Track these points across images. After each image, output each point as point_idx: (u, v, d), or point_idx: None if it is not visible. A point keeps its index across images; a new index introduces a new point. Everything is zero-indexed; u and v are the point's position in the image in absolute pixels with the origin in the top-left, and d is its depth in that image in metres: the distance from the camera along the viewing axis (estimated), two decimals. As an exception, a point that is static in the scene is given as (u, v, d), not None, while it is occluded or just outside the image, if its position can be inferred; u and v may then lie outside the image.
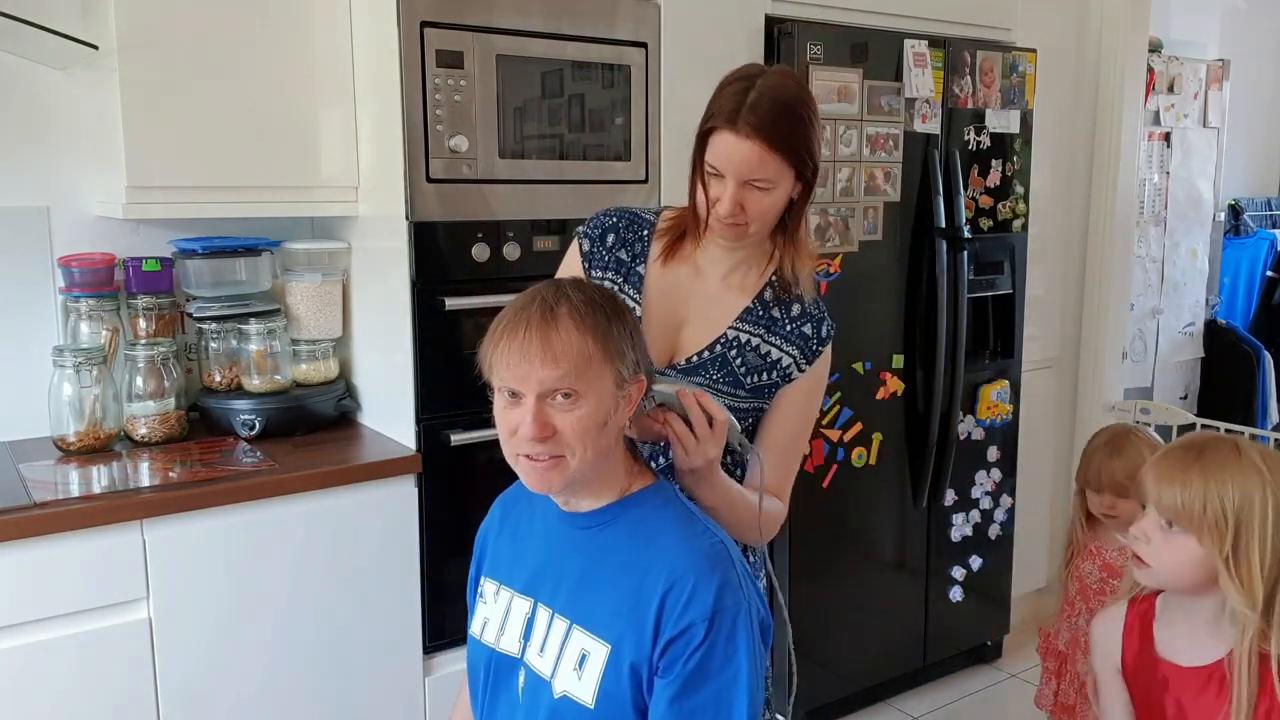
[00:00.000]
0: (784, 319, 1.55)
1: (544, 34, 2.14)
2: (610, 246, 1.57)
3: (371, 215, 2.23)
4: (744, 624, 1.20)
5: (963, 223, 2.86)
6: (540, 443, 1.21)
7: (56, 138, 2.19)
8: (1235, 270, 4.62)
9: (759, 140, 1.41)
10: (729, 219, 1.45)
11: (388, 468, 2.07)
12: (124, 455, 2.08)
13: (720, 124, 1.42)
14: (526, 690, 1.30)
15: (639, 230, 1.58)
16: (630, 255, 1.57)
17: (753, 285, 1.56)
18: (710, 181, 1.46)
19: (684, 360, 1.54)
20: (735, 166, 1.42)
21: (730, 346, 1.54)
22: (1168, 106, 3.99)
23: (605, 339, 1.21)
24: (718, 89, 1.46)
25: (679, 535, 1.26)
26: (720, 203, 1.45)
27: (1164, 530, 1.40)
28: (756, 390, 1.53)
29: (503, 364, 1.20)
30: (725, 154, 1.43)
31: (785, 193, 1.47)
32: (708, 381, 1.52)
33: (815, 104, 1.48)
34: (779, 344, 1.54)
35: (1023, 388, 3.18)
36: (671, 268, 1.56)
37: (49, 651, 1.75)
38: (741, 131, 1.41)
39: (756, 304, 1.55)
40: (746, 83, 1.43)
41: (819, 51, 2.54)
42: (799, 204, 1.51)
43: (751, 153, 1.41)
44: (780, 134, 1.41)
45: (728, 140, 1.42)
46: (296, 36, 2.15)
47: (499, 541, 1.42)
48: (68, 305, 2.17)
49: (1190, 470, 1.37)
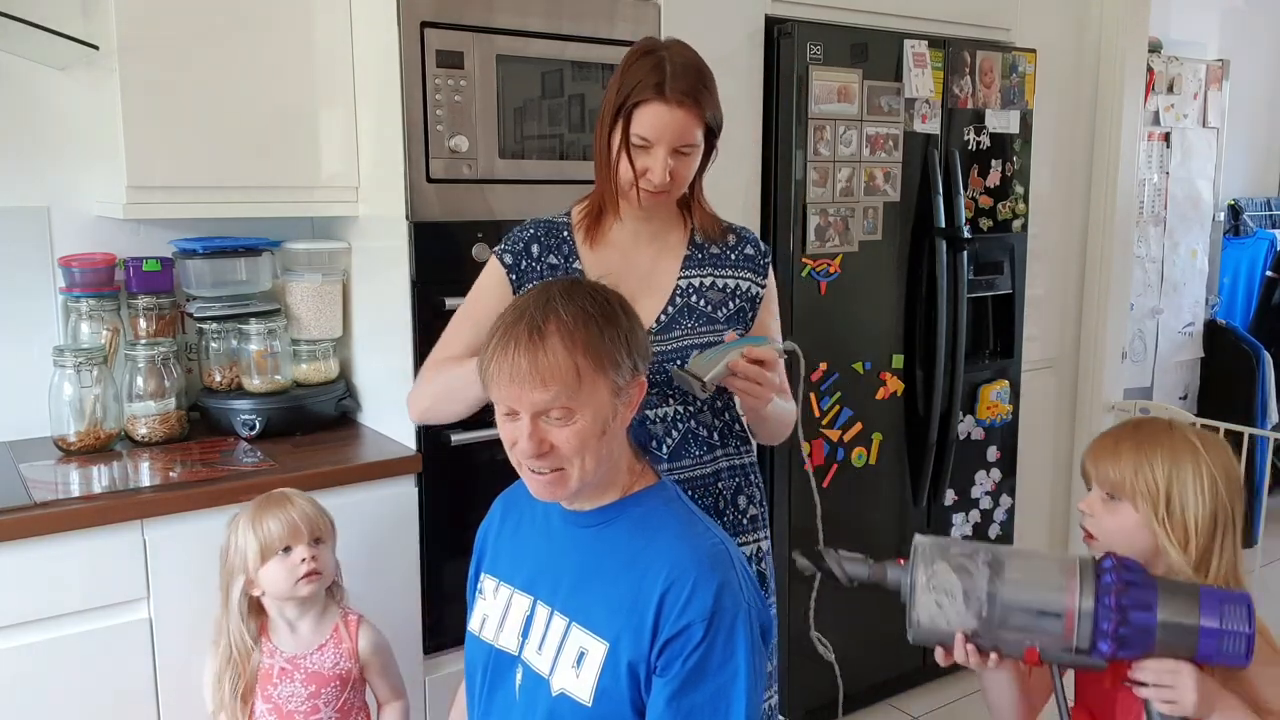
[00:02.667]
0: (725, 251, 1.67)
1: (544, 34, 2.14)
2: (538, 257, 1.64)
3: (371, 215, 2.23)
4: (743, 624, 1.20)
5: (963, 223, 2.86)
6: (539, 459, 1.21)
7: (56, 138, 2.19)
8: (1235, 270, 4.62)
9: (688, 107, 1.50)
10: (661, 186, 1.53)
11: (388, 468, 2.07)
12: (124, 455, 2.08)
13: (648, 96, 1.50)
14: (524, 688, 1.30)
15: (558, 233, 1.66)
16: (561, 258, 1.64)
17: (677, 243, 1.66)
18: (637, 154, 1.53)
19: (654, 323, 1.61)
20: (669, 134, 1.51)
21: (688, 294, 1.63)
22: (1167, 106, 3.99)
23: (596, 352, 1.20)
24: (626, 65, 1.54)
25: (679, 535, 1.26)
26: (653, 171, 1.53)
27: (1105, 502, 1.45)
28: (732, 318, 1.64)
29: (495, 384, 1.22)
30: (658, 123, 1.50)
31: (699, 155, 1.57)
32: (684, 330, 1.61)
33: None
34: (730, 273, 1.66)
35: (1022, 388, 3.18)
36: (600, 252, 1.64)
37: (49, 651, 1.75)
38: (672, 100, 1.49)
39: (693, 249, 1.66)
40: (657, 56, 1.52)
41: (819, 52, 2.55)
42: (703, 165, 1.61)
43: (683, 119, 1.51)
44: (703, 99, 1.52)
45: (658, 110, 1.50)
46: (297, 37, 2.15)
47: (500, 538, 1.42)
48: (68, 305, 2.17)
49: (1123, 444, 1.43)
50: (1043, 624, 1.24)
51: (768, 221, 2.63)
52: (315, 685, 1.72)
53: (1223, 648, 1.21)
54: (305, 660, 1.73)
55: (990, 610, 1.25)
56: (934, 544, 1.29)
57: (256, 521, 1.69)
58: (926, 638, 1.28)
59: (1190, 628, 1.22)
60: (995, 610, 1.25)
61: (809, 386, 2.64)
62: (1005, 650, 1.27)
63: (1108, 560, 1.27)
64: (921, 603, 1.26)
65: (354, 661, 1.76)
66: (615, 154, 1.54)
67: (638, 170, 1.53)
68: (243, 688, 1.71)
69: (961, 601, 1.25)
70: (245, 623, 1.71)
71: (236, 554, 1.70)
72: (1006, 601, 1.25)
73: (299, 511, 1.71)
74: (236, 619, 1.70)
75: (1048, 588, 1.25)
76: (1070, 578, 1.25)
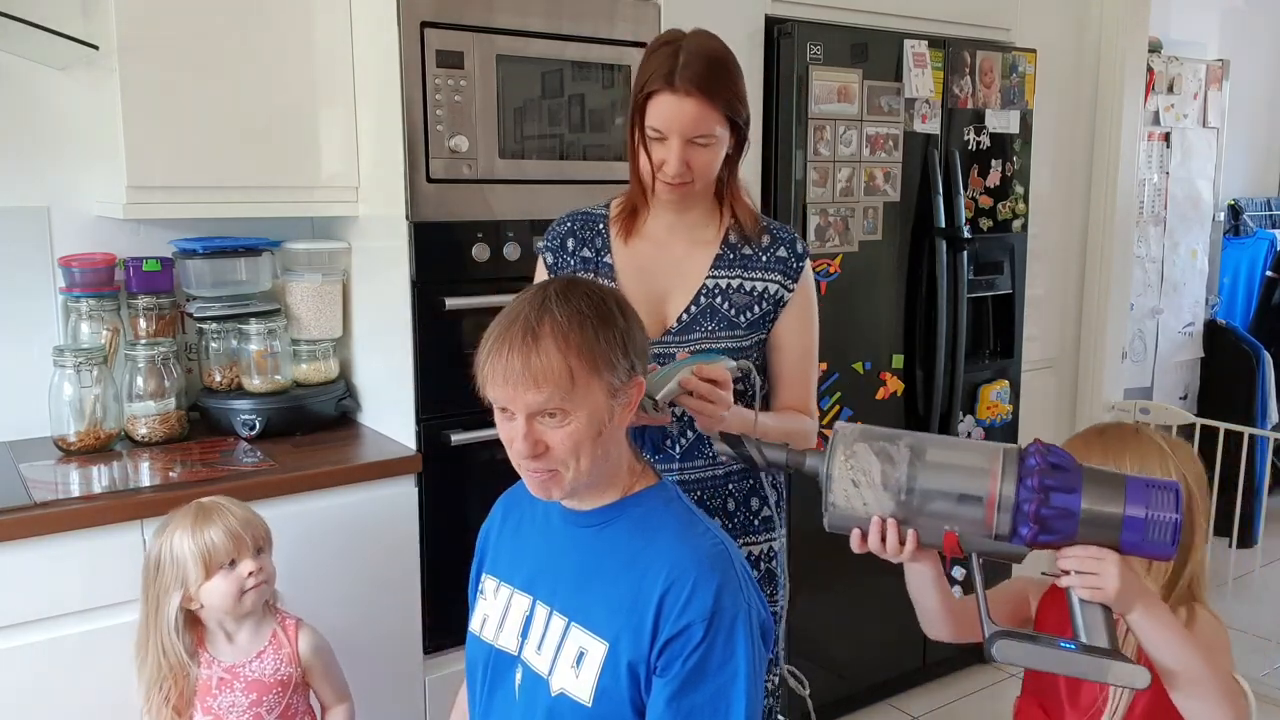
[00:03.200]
0: (757, 252, 1.63)
1: (544, 34, 2.14)
2: (573, 251, 1.64)
3: (371, 215, 2.23)
4: (743, 625, 1.20)
5: (962, 223, 2.86)
6: (534, 459, 1.21)
7: (56, 138, 2.19)
8: (1235, 270, 4.62)
9: (697, 96, 1.48)
10: (677, 178, 1.52)
11: (388, 468, 2.07)
12: (124, 455, 2.08)
13: (658, 86, 1.49)
14: (523, 688, 1.30)
15: (594, 225, 1.65)
16: (594, 251, 1.63)
17: (713, 238, 1.63)
18: (653, 146, 1.52)
19: (675, 323, 1.60)
20: (679, 124, 1.49)
21: (714, 295, 1.61)
22: (1167, 106, 3.99)
23: (591, 354, 1.20)
24: (645, 58, 1.53)
25: (679, 535, 1.26)
26: (667, 163, 1.51)
27: None
28: (754, 324, 1.61)
29: (490, 384, 1.22)
30: (667, 114, 1.49)
31: (724, 147, 1.55)
32: (704, 333, 1.59)
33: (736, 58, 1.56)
34: (759, 275, 1.62)
35: (1022, 388, 3.18)
36: (634, 245, 1.63)
37: (49, 651, 1.75)
38: (680, 90, 1.48)
39: (725, 249, 1.63)
40: (673, 46, 1.50)
41: (819, 52, 2.55)
42: (734, 157, 1.59)
43: (693, 109, 1.48)
44: (715, 88, 1.49)
45: (668, 101, 1.49)
46: (297, 37, 2.15)
47: (500, 538, 1.42)
48: (68, 305, 2.17)
49: (1092, 446, 1.43)
50: (964, 509, 1.18)
51: (768, 221, 2.63)
52: (256, 693, 1.65)
53: (1148, 536, 1.15)
54: (244, 669, 1.66)
55: (910, 495, 1.20)
56: (856, 429, 1.24)
57: (196, 533, 1.59)
58: (842, 522, 1.23)
59: (1114, 515, 1.16)
60: (915, 495, 1.20)
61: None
62: (924, 537, 1.21)
63: (1033, 445, 1.21)
64: (839, 484, 1.21)
65: (295, 666, 1.69)
66: (634, 146, 1.54)
67: (654, 162, 1.52)
68: (178, 701, 1.63)
69: (880, 484, 1.20)
70: (180, 638, 1.62)
71: (173, 567, 1.59)
72: (926, 486, 1.19)
73: (240, 520, 1.63)
74: (171, 635, 1.61)
75: (970, 473, 1.19)
76: (994, 462, 1.18)
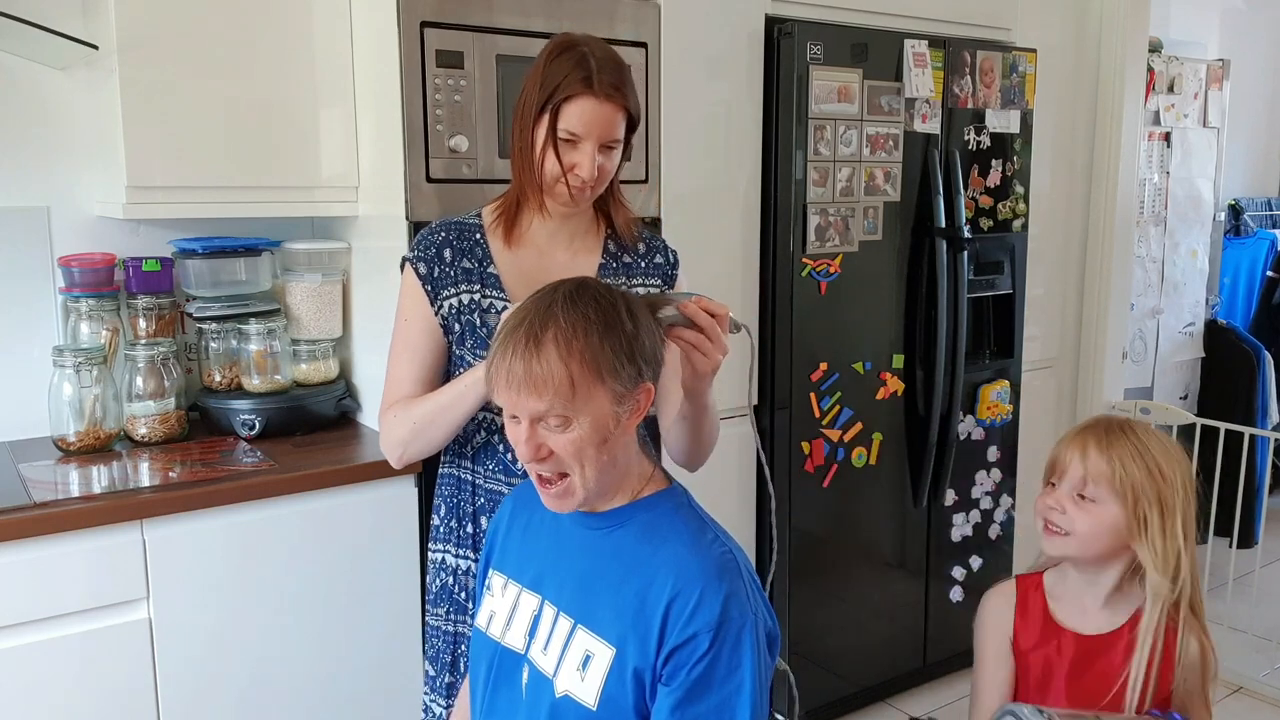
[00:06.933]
0: (636, 260, 1.66)
1: (544, 34, 2.14)
2: (451, 261, 1.60)
3: (371, 215, 2.23)
4: (750, 636, 1.19)
5: (963, 223, 2.85)
6: (539, 463, 1.21)
7: (56, 138, 2.19)
8: (1235, 270, 4.62)
9: (616, 100, 1.50)
10: (589, 182, 1.52)
11: (388, 468, 2.04)
12: (124, 455, 2.08)
13: (577, 90, 1.49)
14: (530, 687, 1.29)
15: (471, 235, 1.62)
16: (475, 262, 1.60)
17: (595, 245, 1.65)
18: (564, 149, 1.51)
19: None
20: (598, 128, 1.50)
21: None
22: (1168, 106, 3.99)
23: (594, 361, 1.19)
24: (549, 61, 1.52)
25: (688, 543, 1.25)
26: (581, 166, 1.51)
27: (1076, 502, 1.49)
28: None
29: (495, 388, 1.22)
30: (588, 118, 1.49)
31: (621, 151, 1.57)
32: None
33: None
34: (640, 282, 1.65)
35: (1023, 388, 3.18)
36: (516, 253, 1.62)
37: (49, 651, 1.75)
38: (601, 94, 1.49)
39: (607, 258, 1.65)
40: (579, 51, 1.51)
41: (819, 51, 2.54)
42: (620, 162, 1.60)
43: (612, 113, 1.51)
44: (629, 92, 1.53)
45: (589, 104, 1.49)
46: (297, 36, 2.15)
47: (509, 535, 1.42)
48: (68, 305, 2.17)
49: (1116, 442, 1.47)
50: None
51: (768, 221, 2.63)
52: None
53: None
54: None
55: None
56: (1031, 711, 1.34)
57: None
58: None
59: None
60: None
61: (809, 386, 2.64)
62: None
63: None
64: None
65: None
66: (540, 150, 1.52)
67: (565, 166, 1.51)
68: None
69: None
70: None
71: None
72: None
73: None
74: None
75: None
76: None
